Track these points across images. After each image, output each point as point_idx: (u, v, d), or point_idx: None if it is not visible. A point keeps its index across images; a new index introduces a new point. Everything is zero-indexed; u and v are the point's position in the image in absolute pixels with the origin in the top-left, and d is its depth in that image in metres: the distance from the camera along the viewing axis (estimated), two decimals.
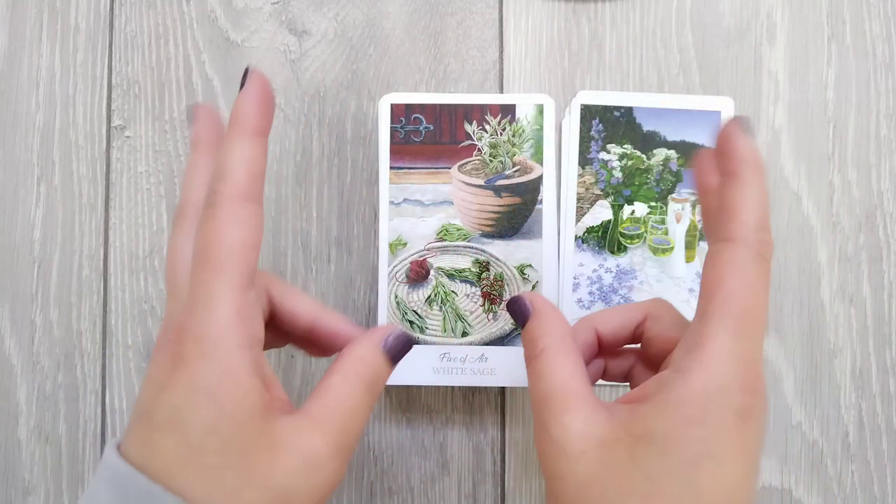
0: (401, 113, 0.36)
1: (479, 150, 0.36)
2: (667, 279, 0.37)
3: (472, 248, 0.36)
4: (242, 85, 0.25)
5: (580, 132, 0.38)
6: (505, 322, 0.36)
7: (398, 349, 0.26)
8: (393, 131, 0.36)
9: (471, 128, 0.36)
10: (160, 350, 0.22)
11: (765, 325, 0.22)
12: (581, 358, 0.25)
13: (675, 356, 0.23)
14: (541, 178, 0.36)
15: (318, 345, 0.27)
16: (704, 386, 0.21)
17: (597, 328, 0.28)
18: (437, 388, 0.38)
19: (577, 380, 0.24)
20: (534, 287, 0.36)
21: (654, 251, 0.38)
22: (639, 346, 0.28)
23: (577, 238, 0.38)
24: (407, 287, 0.36)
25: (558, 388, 0.24)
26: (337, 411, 0.23)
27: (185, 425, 0.21)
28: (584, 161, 0.38)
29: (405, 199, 0.36)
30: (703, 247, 0.38)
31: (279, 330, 0.27)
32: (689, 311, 0.29)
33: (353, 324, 0.27)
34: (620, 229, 0.38)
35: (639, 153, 0.38)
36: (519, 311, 0.27)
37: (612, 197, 0.38)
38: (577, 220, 0.38)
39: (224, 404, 0.21)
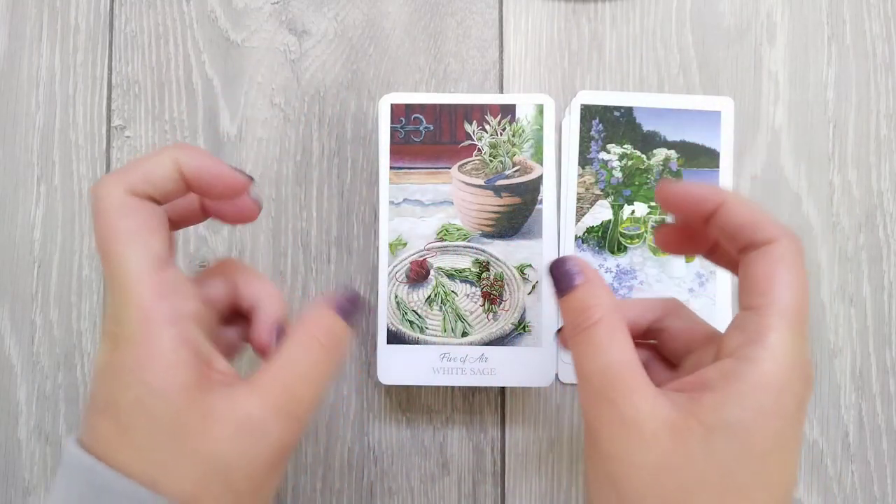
0: (401, 113, 0.36)
1: (479, 150, 0.36)
2: (667, 279, 0.37)
3: (472, 248, 0.36)
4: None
5: (580, 132, 0.38)
6: (505, 322, 0.36)
7: (348, 307, 0.26)
8: (393, 131, 0.36)
9: (471, 128, 0.36)
10: (102, 338, 0.23)
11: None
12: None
13: (732, 345, 0.22)
14: (541, 178, 0.36)
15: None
16: (775, 375, 0.21)
17: None
18: (437, 388, 0.38)
19: (635, 359, 0.23)
20: (534, 287, 0.36)
21: (654, 251, 0.38)
22: (652, 341, 0.28)
23: (577, 238, 0.38)
24: (407, 287, 0.36)
25: (623, 364, 0.23)
26: (280, 374, 0.23)
27: (118, 406, 0.21)
28: (584, 161, 0.38)
29: (405, 199, 0.36)
30: None
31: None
32: None
33: (282, 300, 0.28)
34: (620, 229, 0.38)
35: (639, 153, 0.38)
36: (564, 277, 0.25)
37: (612, 197, 0.38)
38: (577, 220, 0.38)
39: (150, 381, 0.21)
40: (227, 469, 0.21)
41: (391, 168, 0.36)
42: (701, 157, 0.38)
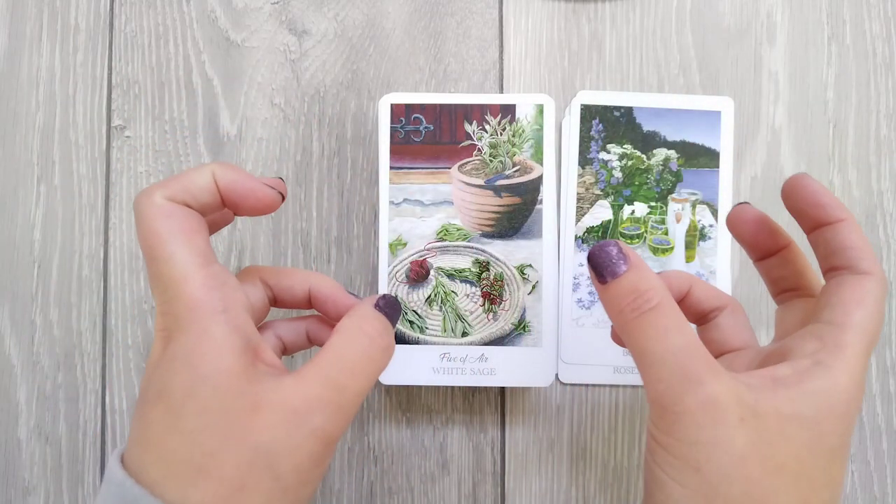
0: (401, 113, 0.36)
1: (479, 150, 0.36)
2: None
3: (472, 248, 0.36)
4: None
5: (580, 132, 0.38)
6: (505, 322, 0.36)
7: (389, 308, 0.27)
8: (393, 131, 0.36)
9: (471, 128, 0.36)
10: (155, 339, 0.23)
11: None
12: None
13: (807, 349, 0.23)
14: (541, 178, 0.36)
15: (324, 312, 0.29)
16: (847, 384, 0.22)
17: None
18: (437, 388, 0.38)
19: (701, 343, 0.23)
20: (534, 287, 0.36)
21: (654, 251, 0.38)
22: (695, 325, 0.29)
23: (577, 238, 0.38)
24: (407, 287, 0.36)
25: (698, 346, 0.22)
26: (326, 366, 0.23)
27: (168, 393, 0.22)
28: (584, 161, 0.38)
29: (405, 199, 0.36)
30: (702, 246, 0.38)
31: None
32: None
33: (345, 290, 0.29)
34: (620, 229, 0.38)
35: (639, 153, 0.38)
36: (608, 262, 0.24)
37: (612, 197, 0.38)
38: (577, 220, 0.38)
39: (200, 367, 0.22)
40: (273, 458, 0.22)
41: (391, 168, 0.36)
42: (701, 157, 0.38)
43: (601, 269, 0.24)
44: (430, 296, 0.36)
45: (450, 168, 0.36)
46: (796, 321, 0.27)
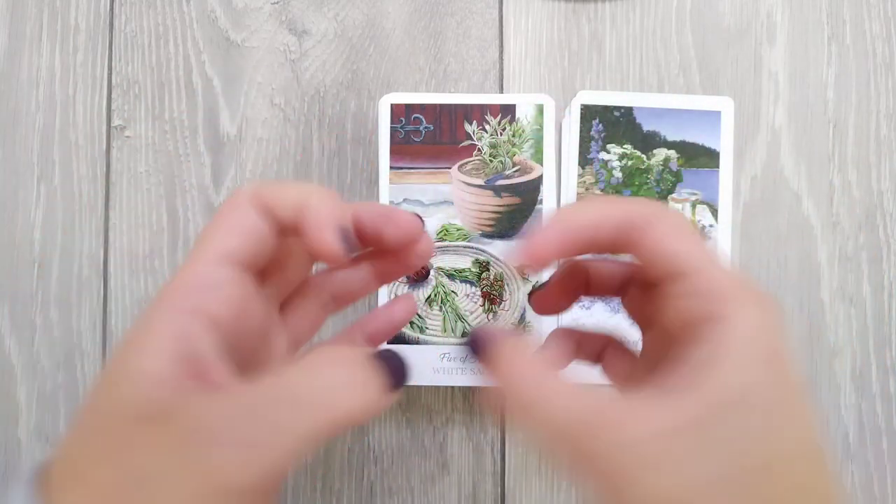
0: (401, 113, 0.36)
1: (479, 150, 0.36)
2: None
3: (472, 248, 0.36)
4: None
5: (580, 132, 0.38)
6: (505, 322, 0.36)
7: (392, 376, 0.21)
8: (393, 131, 0.36)
9: (471, 128, 0.36)
10: None
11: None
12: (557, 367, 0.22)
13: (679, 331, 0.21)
14: (541, 178, 0.36)
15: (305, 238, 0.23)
16: (742, 329, 0.20)
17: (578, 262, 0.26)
18: (437, 388, 0.38)
19: (575, 388, 0.20)
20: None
21: None
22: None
23: None
24: (407, 287, 0.36)
25: (573, 411, 0.19)
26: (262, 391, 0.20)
27: (104, 372, 0.21)
28: (584, 161, 0.38)
29: (405, 199, 0.36)
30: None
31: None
32: None
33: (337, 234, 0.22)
34: None
35: (639, 153, 0.38)
36: (477, 352, 0.22)
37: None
38: None
39: (127, 361, 0.20)
40: (150, 487, 0.18)
41: (391, 168, 0.36)
42: (701, 157, 0.38)
43: (475, 354, 0.22)
44: (430, 296, 0.36)
45: (450, 168, 0.36)
46: (640, 302, 0.25)
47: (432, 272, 0.36)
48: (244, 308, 0.22)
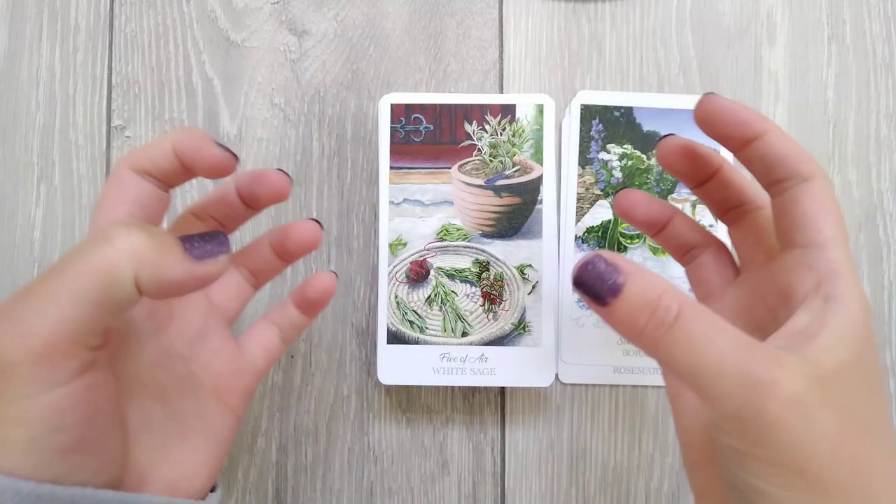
0: (401, 113, 0.36)
1: (479, 150, 0.36)
2: (666, 279, 0.37)
3: (472, 248, 0.36)
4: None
5: (580, 132, 0.38)
6: (505, 322, 0.36)
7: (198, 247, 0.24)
8: (393, 131, 0.36)
9: (471, 128, 0.36)
10: None
11: None
12: None
13: (808, 285, 0.22)
14: (541, 178, 0.36)
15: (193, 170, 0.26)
16: (858, 308, 0.21)
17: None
18: (437, 388, 0.38)
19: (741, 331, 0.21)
20: (534, 287, 0.36)
21: (654, 251, 0.38)
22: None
23: (577, 238, 0.38)
24: (407, 287, 0.36)
25: (748, 343, 0.20)
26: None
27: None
28: (584, 161, 0.38)
29: (405, 199, 0.36)
30: None
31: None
32: None
33: (213, 141, 0.25)
34: (620, 229, 0.38)
35: (639, 153, 0.38)
36: (601, 280, 0.20)
37: (613, 197, 0.38)
38: (577, 220, 0.38)
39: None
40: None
41: (391, 168, 0.36)
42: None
43: (595, 290, 0.20)
44: (430, 296, 0.36)
45: (450, 168, 0.36)
46: (755, 238, 0.26)
47: (432, 272, 0.36)
48: None
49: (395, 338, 0.36)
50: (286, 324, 0.31)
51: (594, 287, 0.20)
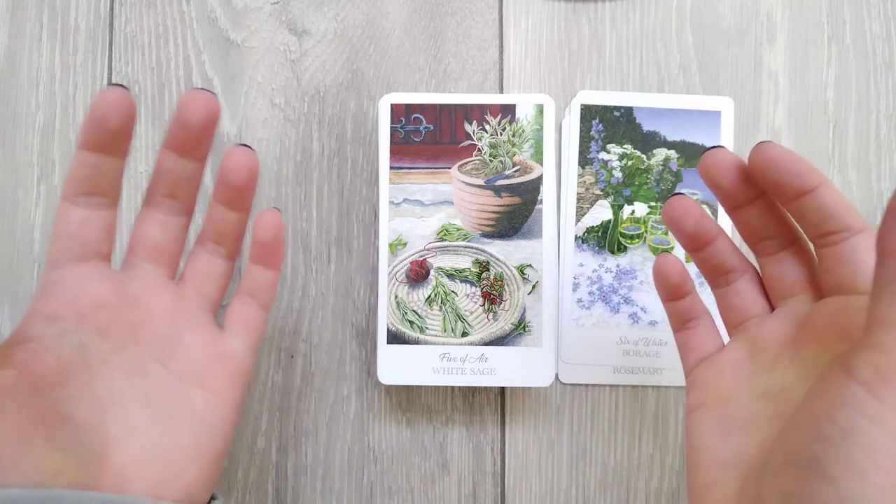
0: (401, 113, 0.36)
1: (479, 150, 0.36)
2: None
3: (472, 248, 0.36)
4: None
5: (580, 132, 0.38)
6: (505, 322, 0.36)
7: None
8: (393, 131, 0.36)
9: (471, 128, 0.36)
10: None
11: None
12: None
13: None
14: (541, 178, 0.36)
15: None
16: None
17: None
18: (437, 388, 0.38)
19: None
20: (534, 287, 0.36)
21: (655, 251, 0.38)
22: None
23: (577, 238, 0.38)
24: (407, 287, 0.36)
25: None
26: None
27: None
28: (584, 161, 0.38)
29: (405, 199, 0.36)
30: None
31: None
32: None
33: None
34: (620, 229, 0.38)
35: (639, 153, 0.38)
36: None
37: (612, 197, 0.38)
38: (577, 220, 0.38)
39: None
40: None
41: (391, 168, 0.36)
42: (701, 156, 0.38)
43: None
44: (430, 296, 0.36)
45: (450, 168, 0.36)
46: (796, 276, 0.26)
47: (432, 272, 0.36)
48: None
49: (395, 338, 0.36)
50: (255, 287, 0.30)
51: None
